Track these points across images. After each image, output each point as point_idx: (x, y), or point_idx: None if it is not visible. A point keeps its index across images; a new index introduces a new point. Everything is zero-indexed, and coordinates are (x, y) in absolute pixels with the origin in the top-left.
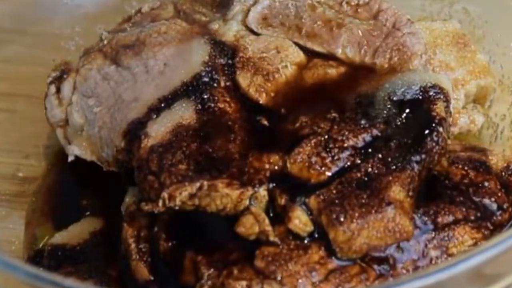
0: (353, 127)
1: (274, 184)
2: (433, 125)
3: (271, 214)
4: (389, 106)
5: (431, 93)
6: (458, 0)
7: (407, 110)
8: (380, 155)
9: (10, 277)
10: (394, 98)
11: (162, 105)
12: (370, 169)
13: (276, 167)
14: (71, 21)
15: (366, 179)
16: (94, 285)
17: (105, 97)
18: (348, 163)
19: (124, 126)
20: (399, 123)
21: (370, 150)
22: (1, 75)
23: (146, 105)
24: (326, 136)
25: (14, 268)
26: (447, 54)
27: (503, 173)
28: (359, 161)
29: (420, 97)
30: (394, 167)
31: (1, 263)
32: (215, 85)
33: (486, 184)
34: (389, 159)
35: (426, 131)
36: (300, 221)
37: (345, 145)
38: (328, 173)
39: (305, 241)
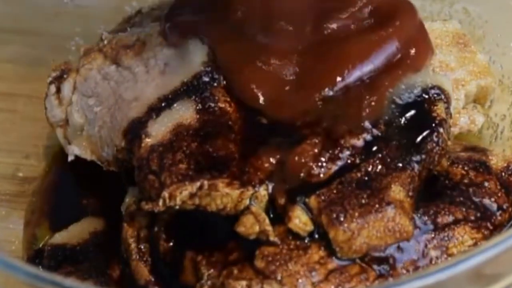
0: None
1: (274, 184)
2: (434, 125)
3: (271, 214)
4: (389, 106)
5: (431, 94)
6: (458, 0)
7: (408, 111)
8: (380, 155)
9: (10, 277)
10: (395, 99)
11: (163, 104)
12: (370, 169)
13: (276, 167)
14: (71, 21)
15: (366, 179)
16: (94, 285)
17: (105, 97)
18: (349, 163)
19: (124, 125)
20: (399, 123)
21: (370, 150)
22: (1, 75)
23: (147, 105)
24: (327, 136)
25: (14, 268)
26: (447, 54)
27: (503, 173)
28: (359, 161)
29: (421, 98)
30: (394, 167)
31: (1, 263)
32: (216, 84)
33: (486, 184)
34: (390, 159)
35: (427, 132)
36: (300, 220)
37: (346, 145)
38: (329, 173)
39: (305, 241)
